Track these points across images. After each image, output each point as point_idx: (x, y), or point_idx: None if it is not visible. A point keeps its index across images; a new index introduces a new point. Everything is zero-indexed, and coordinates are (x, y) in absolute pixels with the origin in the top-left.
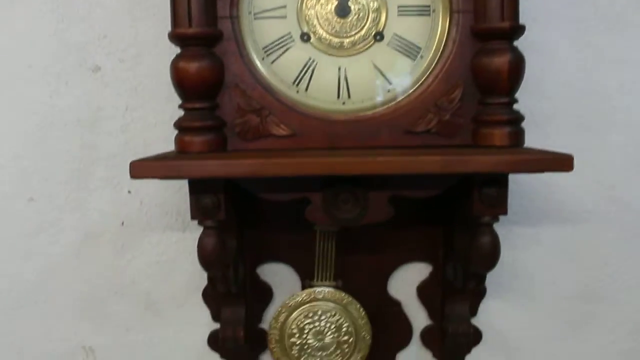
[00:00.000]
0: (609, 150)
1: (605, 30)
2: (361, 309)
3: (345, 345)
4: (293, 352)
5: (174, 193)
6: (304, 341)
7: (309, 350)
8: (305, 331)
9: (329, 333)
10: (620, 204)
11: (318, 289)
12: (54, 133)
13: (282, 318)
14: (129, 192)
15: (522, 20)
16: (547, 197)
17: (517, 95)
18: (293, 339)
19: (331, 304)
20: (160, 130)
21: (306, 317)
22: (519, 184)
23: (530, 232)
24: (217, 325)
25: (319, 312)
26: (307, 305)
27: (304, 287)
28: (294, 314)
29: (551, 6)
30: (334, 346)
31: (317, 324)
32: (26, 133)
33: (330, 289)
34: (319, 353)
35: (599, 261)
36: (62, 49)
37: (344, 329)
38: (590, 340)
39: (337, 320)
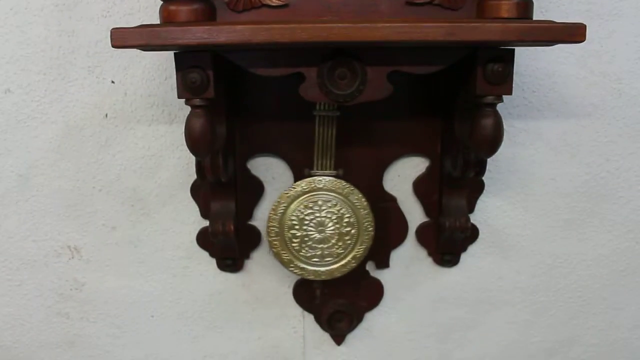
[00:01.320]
0: (616, 41)
1: None
2: (363, 199)
3: (347, 237)
4: (293, 244)
5: (160, 83)
6: (304, 233)
7: (309, 243)
8: (306, 222)
9: (330, 224)
10: (626, 98)
11: (318, 178)
12: (29, 18)
13: (281, 209)
14: (113, 82)
15: None
16: (550, 89)
17: None
18: (293, 231)
19: (332, 194)
20: (145, 15)
21: (306, 207)
22: (522, 75)
23: (532, 127)
24: (206, 223)
25: (320, 202)
26: (307, 195)
27: (302, 177)
28: (294, 205)
29: None
30: (336, 238)
31: (317, 214)
32: None
33: (331, 178)
34: (320, 245)
35: (601, 157)
36: None
37: (346, 220)
38: (587, 238)
39: (339, 210)
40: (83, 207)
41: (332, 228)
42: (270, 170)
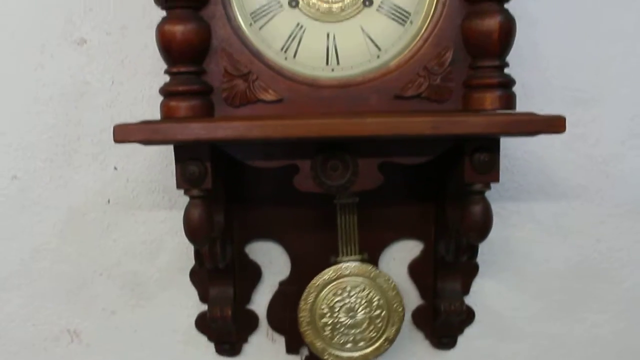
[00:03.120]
0: (601, 124)
1: (596, 1)
2: (390, 280)
3: (378, 320)
4: (325, 332)
5: (161, 170)
6: (336, 320)
7: (341, 329)
8: (336, 309)
9: (361, 309)
10: (613, 179)
11: (344, 265)
12: (38, 108)
13: (311, 299)
14: (115, 168)
15: None
16: (540, 172)
17: (509, 67)
18: (324, 319)
19: (359, 279)
20: (147, 105)
21: (335, 294)
22: (512, 158)
23: (523, 209)
24: (205, 307)
25: (348, 288)
26: (335, 282)
27: (329, 264)
28: (323, 293)
29: None
30: (367, 322)
31: (347, 300)
32: (9, 108)
33: (357, 263)
34: (352, 331)
35: (592, 238)
36: (47, 22)
37: (375, 303)
38: (584, 319)
39: (367, 294)
40: (84, 291)
41: (362, 312)
42: (267, 254)
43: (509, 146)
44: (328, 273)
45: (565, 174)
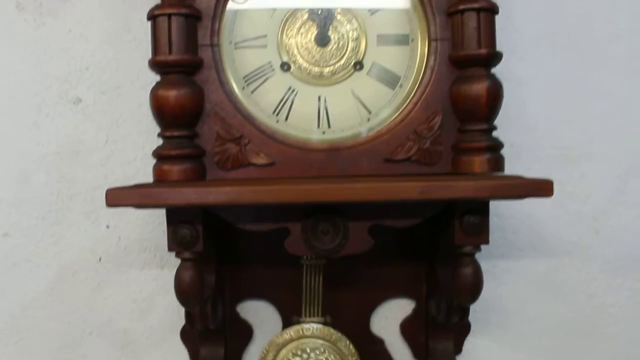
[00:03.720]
0: (590, 181)
1: (581, 61)
2: (351, 346)
3: None
4: None
5: (153, 228)
6: None
7: None
8: None
9: None
10: (603, 236)
11: (306, 326)
12: (32, 166)
13: (270, 357)
14: (108, 227)
15: (498, 48)
16: (530, 229)
17: (498, 126)
18: None
19: (320, 341)
20: (141, 163)
21: (294, 355)
22: (502, 217)
23: (515, 266)
24: None
25: (308, 350)
26: (295, 342)
27: (291, 324)
28: (282, 353)
29: (527, 38)
30: None
31: None
32: (3, 166)
33: (319, 325)
34: None
35: (584, 294)
36: (44, 81)
37: None
38: None
39: (326, 357)
40: (73, 349)
41: None
42: (259, 314)
43: (499, 204)
44: (289, 332)
45: (556, 230)
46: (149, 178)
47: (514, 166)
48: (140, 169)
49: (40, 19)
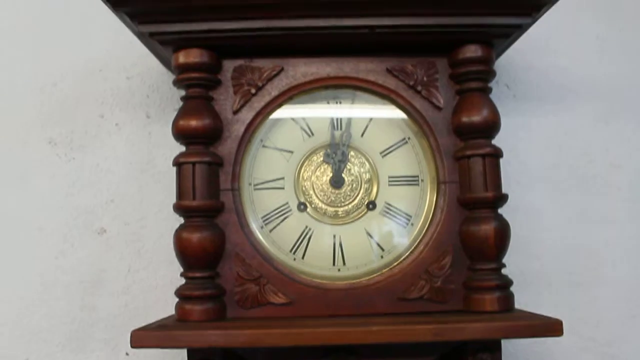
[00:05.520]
0: (601, 306)
1: (584, 191)
2: None
3: None
4: None
5: (172, 357)
6: None
7: None
8: None
9: None
10: None
11: None
12: (55, 294)
13: None
14: (127, 354)
15: (506, 183)
16: (544, 357)
17: (507, 255)
18: None
19: None
20: (161, 293)
21: None
22: (515, 344)
23: None
24: None
25: None
26: None
27: None
28: None
29: (532, 169)
30: None
31: None
32: (28, 293)
33: None
34: None
35: None
36: (71, 212)
37: None
38: None
39: None
40: None
41: None
42: None
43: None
44: None
45: (570, 357)
46: (168, 307)
47: (524, 294)
48: (160, 298)
49: (70, 154)
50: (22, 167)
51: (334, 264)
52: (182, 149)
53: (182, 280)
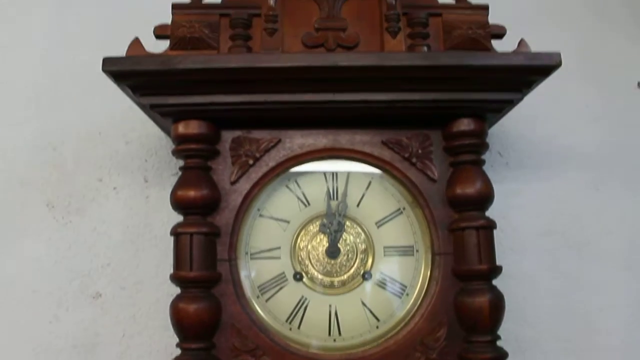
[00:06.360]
0: None
1: (577, 258)
2: None
3: None
4: None
5: None
6: None
7: None
8: None
9: None
10: None
11: None
12: (48, 359)
13: None
14: None
15: (499, 249)
16: None
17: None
18: None
19: None
20: (156, 359)
21: None
22: None
23: None
24: None
25: None
26: None
27: None
28: None
29: (525, 236)
30: None
31: None
32: (21, 358)
33: None
34: None
35: None
36: (66, 276)
37: None
38: None
39: None
40: None
41: None
42: None
43: None
44: None
45: None
46: None
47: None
48: None
49: (67, 217)
50: (19, 229)
51: (329, 334)
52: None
53: (177, 348)
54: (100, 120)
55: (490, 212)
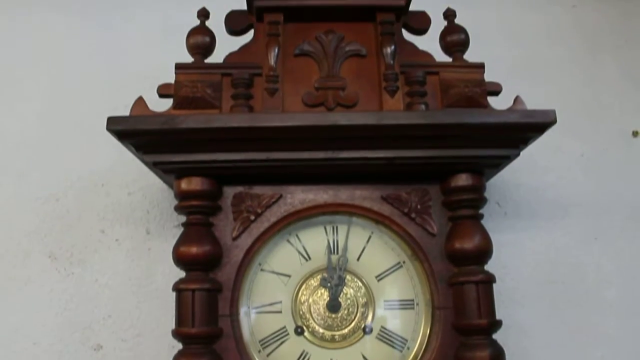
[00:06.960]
0: None
1: (577, 308)
2: None
3: None
4: None
5: None
6: None
7: None
8: None
9: None
10: None
11: None
12: None
13: None
14: None
15: (499, 300)
16: None
17: None
18: None
19: None
20: None
21: None
22: None
23: None
24: None
25: None
26: None
27: None
28: None
29: (524, 286)
30: None
31: None
32: None
33: None
34: None
35: None
36: (67, 328)
37: None
38: None
39: None
40: None
41: None
42: None
43: None
44: None
45: None
46: None
47: None
48: None
49: (70, 269)
50: (21, 280)
51: None
52: None
53: None
54: (103, 171)
55: (490, 262)
